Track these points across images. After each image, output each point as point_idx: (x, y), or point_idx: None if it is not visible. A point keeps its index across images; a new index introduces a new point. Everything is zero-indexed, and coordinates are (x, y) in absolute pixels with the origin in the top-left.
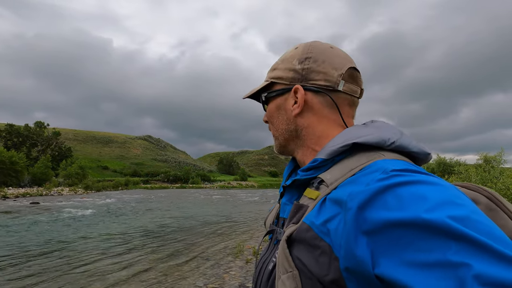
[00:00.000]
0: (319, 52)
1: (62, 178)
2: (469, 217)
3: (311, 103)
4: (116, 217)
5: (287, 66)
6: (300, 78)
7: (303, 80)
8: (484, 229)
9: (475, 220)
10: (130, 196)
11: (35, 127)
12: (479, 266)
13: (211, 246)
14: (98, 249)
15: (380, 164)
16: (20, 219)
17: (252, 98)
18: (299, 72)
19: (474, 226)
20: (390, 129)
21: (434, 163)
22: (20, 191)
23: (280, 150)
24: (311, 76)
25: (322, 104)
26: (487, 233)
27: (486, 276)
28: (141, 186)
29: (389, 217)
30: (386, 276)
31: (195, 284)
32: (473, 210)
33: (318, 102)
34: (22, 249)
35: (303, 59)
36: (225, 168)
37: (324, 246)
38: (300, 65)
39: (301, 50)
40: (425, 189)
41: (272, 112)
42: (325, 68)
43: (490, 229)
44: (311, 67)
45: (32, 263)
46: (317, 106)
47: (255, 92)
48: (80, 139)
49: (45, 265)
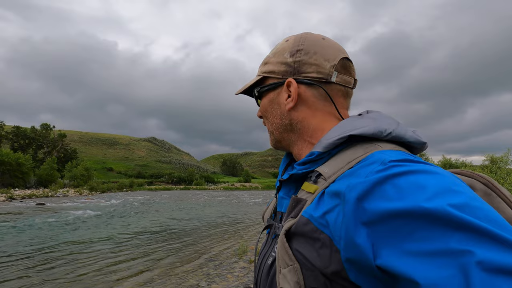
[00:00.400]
0: (310, 44)
1: (67, 179)
2: (468, 204)
3: (305, 96)
4: (120, 218)
5: (278, 59)
6: (292, 71)
7: (296, 73)
8: (484, 215)
9: (475, 207)
10: (135, 198)
11: (41, 129)
12: (481, 253)
13: (215, 247)
14: (102, 249)
15: (378, 155)
16: (26, 220)
17: (245, 94)
18: (290, 65)
19: (474, 213)
20: (386, 119)
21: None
22: (27, 192)
23: (275, 144)
24: (303, 69)
25: (316, 97)
26: (487, 219)
27: (489, 262)
28: (146, 187)
29: (388, 207)
30: (387, 266)
31: (198, 284)
32: (472, 197)
33: (312, 95)
34: (28, 249)
35: (294, 51)
36: (229, 170)
37: (324, 238)
38: (291, 58)
39: (292, 42)
40: (424, 178)
41: (266, 107)
42: (317, 60)
43: (490, 215)
44: (303, 59)
45: (37, 263)
46: (311, 99)
47: (247, 87)
48: (85, 141)
49: (50, 265)
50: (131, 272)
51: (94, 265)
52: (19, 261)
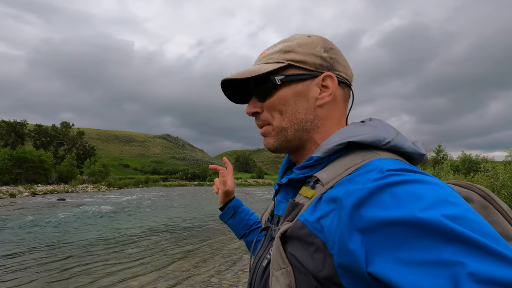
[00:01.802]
0: (336, 47)
1: (86, 176)
2: (463, 216)
3: (336, 95)
4: (136, 214)
5: (310, 51)
6: (329, 66)
7: (331, 69)
8: (478, 227)
9: (469, 219)
10: (150, 193)
11: (61, 127)
12: (473, 264)
13: (228, 244)
14: (117, 244)
15: (376, 163)
16: (48, 214)
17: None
18: (326, 59)
19: (469, 225)
20: (386, 128)
21: (459, 160)
22: (48, 188)
23: (282, 145)
24: (336, 67)
25: (341, 97)
26: (481, 231)
27: (480, 274)
28: (161, 183)
29: (384, 216)
30: (379, 274)
31: (210, 281)
32: (467, 209)
33: (340, 94)
34: (49, 242)
35: (328, 48)
36: (242, 166)
37: (318, 242)
38: (326, 53)
39: (321, 39)
40: (420, 188)
41: (287, 99)
42: (344, 62)
43: (484, 228)
44: (336, 58)
45: (57, 255)
46: (339, 98)
47: (261, 73)
48: (103, 138)
49: (67, 258)
50: (144, 267)
51: (109, 261)
52: (40, 253)
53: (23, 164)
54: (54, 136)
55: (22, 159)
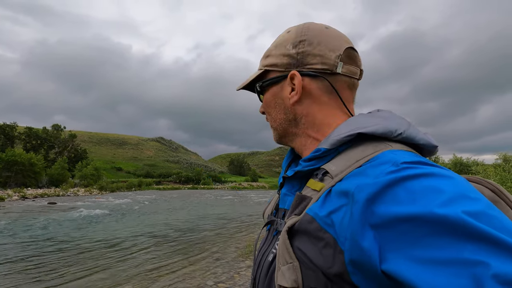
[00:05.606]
0: (313, 34)
1: (78, 179)
2: (485, 212)
3: (309, 89)
4: (128, 217)
5: (280, 51)
6: (296, 63)
7: (299, 65)
8: (501, 225)
9: (491, 216)
10: (143, 197)
11: (53, 130)
12: (498, 265)
13: (222, 246)
14: (110, 247)
15: (389, 155)
16: (38, 218)
17: (247, 89)
18: (293, 56)
19: (491, 222)
20: (397, 119)
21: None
22: (39, 191)
23: (279, 140)
24: (307, 60)
25: (321, 90)
26: (505, 229)
27: (506, 275)
28: (154, 187)
29: (399, 212)
30: (392, 272)
31: (205, 283)
32: (488, 205)
33: (317, 87)
34: (39, 246)
35: (297, 42)
36: (236, 169)
37: (328, 238)
38: (294, 49)
39: (294, 33)
40: (438, 182)
41: (269, 102)
42: (321, 51)
43: (506, 225)
44: (306, 50)
45: (49, 260)
46: (315, 92)
47: (248, 82)
48: (95, 141)
49: (60, 262)
50: (137, 270)
51: (101, 263)
52: (30, 258)
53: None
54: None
55: (11, 162)
